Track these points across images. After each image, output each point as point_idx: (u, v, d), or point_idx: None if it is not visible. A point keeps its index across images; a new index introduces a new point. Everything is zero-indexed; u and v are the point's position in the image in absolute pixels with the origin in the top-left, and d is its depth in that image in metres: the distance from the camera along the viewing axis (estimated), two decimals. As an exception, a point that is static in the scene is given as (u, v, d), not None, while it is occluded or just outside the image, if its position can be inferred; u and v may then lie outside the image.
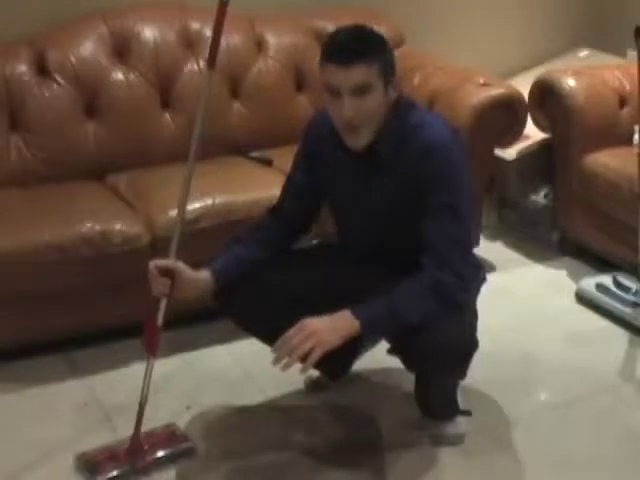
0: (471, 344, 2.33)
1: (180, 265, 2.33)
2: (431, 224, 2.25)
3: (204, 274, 2.39)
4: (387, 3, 3.87)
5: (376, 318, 2.20)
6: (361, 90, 2.19)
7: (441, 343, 2.20)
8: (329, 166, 2.40)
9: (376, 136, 2.27)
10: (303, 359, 2.15)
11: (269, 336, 2.56)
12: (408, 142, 2.27)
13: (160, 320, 2.36)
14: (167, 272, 2.31)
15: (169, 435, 2.50)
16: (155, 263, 2.32)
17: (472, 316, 2.39)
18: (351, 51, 2.19)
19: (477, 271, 2.50)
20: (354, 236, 2.50)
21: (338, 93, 2.20)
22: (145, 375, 2.39)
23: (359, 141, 2.27)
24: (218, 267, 2.41)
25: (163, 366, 2.79)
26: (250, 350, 2.87)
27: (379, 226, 2.40)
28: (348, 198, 2.43)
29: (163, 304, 2.34)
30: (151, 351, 2.39)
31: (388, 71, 2.24)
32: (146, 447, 2.42)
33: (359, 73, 2.17)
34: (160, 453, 2.43)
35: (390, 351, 2.40)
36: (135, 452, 2.40)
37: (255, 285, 2.42)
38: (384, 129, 2.27)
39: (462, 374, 2.43)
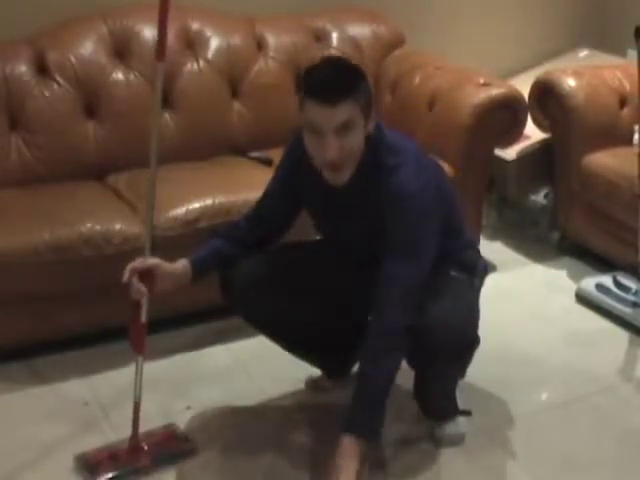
0: (472, 339, 2.33)
1: (157, 262, 2.34)
2: (385, 268, 2.24)
3: (181, 265, 2.39)
4: (387, 3, 3.87)
5: (370, 421, 2.25)
6: (344, 128, 2.15)
7: (443, 340, 2.22)
8: (308, 184, 2.39)
9: (351, 176, 2.25)
10: None
11: (273, 332, 2.57)
12: (379, 185, 2.25)
13: (144, 318, 2.35)
14: (146, 271, 2.31)
15: (169, 435, 2.50)
16: (133, 267, 2.31)
17: (474, 312, 2.40)
18: (336, 88, 2.13)
19: (475, 264, 2.50)
20: (335, 244, 2.51)
21: (320, 132, 2.16)
22: (136, 374, 2.39)
23: (341, 179, 2.24)
24: (195, 259, 2.42)
25: (163, 366, 2.80)
26: (250, 350, 2.87)
27: (356, 242, 2.41)
28: (324, 217, 2.45)
29: (145, 302, 2.34)
30: (139, 350, 2.39)
31: (368, 105, 2.20)
32: (146, 447, 2.42)
33: (344, 111, 2.13)
34: (160, 453, 2.42)
35: None
36: (135, 452, 2.40)
37: (262, 281, 2.43)
38: (358, 168, 2.24)
39: (462, 372, 2.44)
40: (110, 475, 2.35)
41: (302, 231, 2.61)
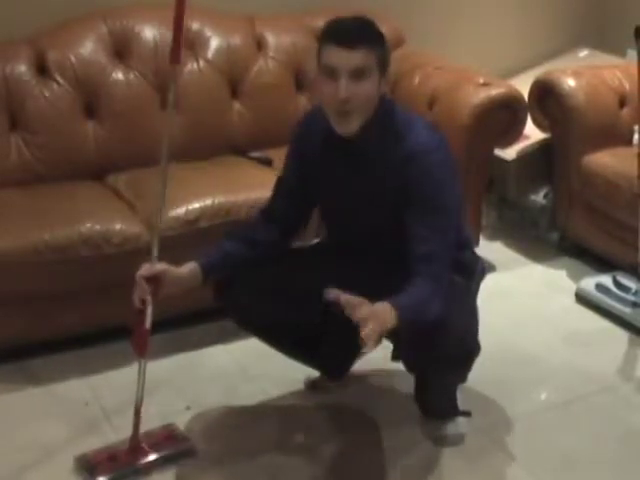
0: (473, 347, 2.33)
1: (164, 268, 2.32)
2: (422, 225, 2.22)
3: (188, 269, 2.36)
4: (387, 3, 3.87)
5: (409, 307, 2.11)
6: (359, 74, 2.18)
7: (445, 346, 2.21)
8: (317, 165, 2.40)
9: (363, 131, 2.26)
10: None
11: (268, 334, 2.57)
12: (393, 148, 2.27)
13: (148, 323, 2.35)
14: (154, 277, 2.31)
15: (168, 435, 2.50)
16: (142, 274, 2.31)
17: (474, 318, 2.39)
18: (356, 33, 2.20)
19: (474, 266, 2.50)
20: (342, 233, 2.50)
21: (335, 75, 2.19)
22: (138, 377, 2.39)
23: (350, 127, 2.24)
24: (206, 263, 2.39)
25: (163, 366, 2.80)
26: (250, 350, 2.87)
27: (364, 224, 2.39)
28: (334, 195, 2.42)
29: (150, 307, 2.33)
30: (141, 353, 2.39)
31: (384, 63, 2.24)
32: (146, 447, 2.42)
33: (361, 56, 2.17)
34: (160, 453, 2.42)
35: (394, 358, 2.39)
36: (135, 453, 2.40)
37: (255, 284, 2.42)
38: (371, 125, 2.26)
39: (463, 378, 2.43)
40: (110, 476, 2.35)
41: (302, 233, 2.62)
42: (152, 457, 2.41)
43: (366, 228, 2.39)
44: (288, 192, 2.49)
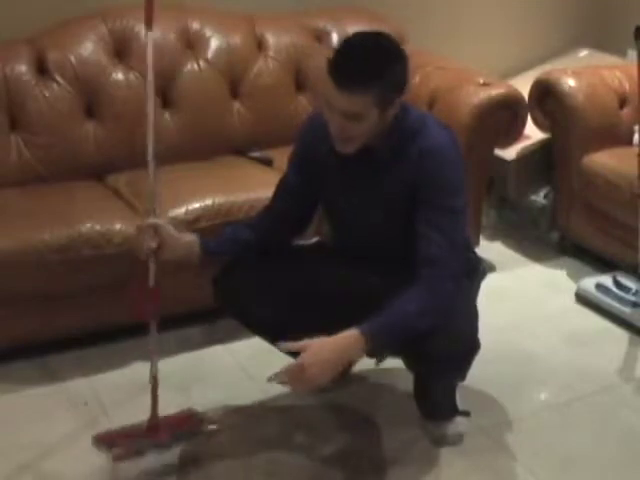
0: (473, 345, 2.33)
1: (162, 222, 2.35)
2: (429, 225, 2.23)
3: (188, 238, 2.40)
4: (387, 3, 3.87)
5: (386, 328, 2.17)
6: (351, 117, 2.16)
7: (444, 344, 2.20)
8: (323, 166, 2.40)
9: (374, 139, 2.26)
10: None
11: (268, 332, 2.57)
12: (408, 145, 2.27)
13: (152, 281, 2.32)
14: (155, 228, 2.32)
15: (187, 417, 2.47)
16: (138, 224, 2.35)
17: (473, 316, 2.39)
18: (351, 77, 2.13)
19: (476, 267, 2.50)
20: (347, 235, 2.50)
21: (331, 109, 2.19)
22: (150, 343, 2.36)
23: (347, 149, 2.26)
24: (204, 240, 2.42)
25: (163, 365, 2.79)
26: (250, 350, 2.87)
27: (372, 225, 2.40)
28: (341, 198, 2.42)
29: (152, 265, 2.32)
30: (148, 315, 2.36)
31: (388, 96, 2.18)
32: (164, 427, 2.38)
33: (354, 102, 2.14)
34: (179, 431, 2.40)
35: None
36: (154, 430, 2.37)
37: (255, 281, 2.43)
38: (383, 133, 2.26)
39: (462, 376, 2.43)
40: (130, 449, 2.32)
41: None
42: (171, 434, 2.38)
43: (372, 228, 2.39)
44: (290, 192, 2.49)
